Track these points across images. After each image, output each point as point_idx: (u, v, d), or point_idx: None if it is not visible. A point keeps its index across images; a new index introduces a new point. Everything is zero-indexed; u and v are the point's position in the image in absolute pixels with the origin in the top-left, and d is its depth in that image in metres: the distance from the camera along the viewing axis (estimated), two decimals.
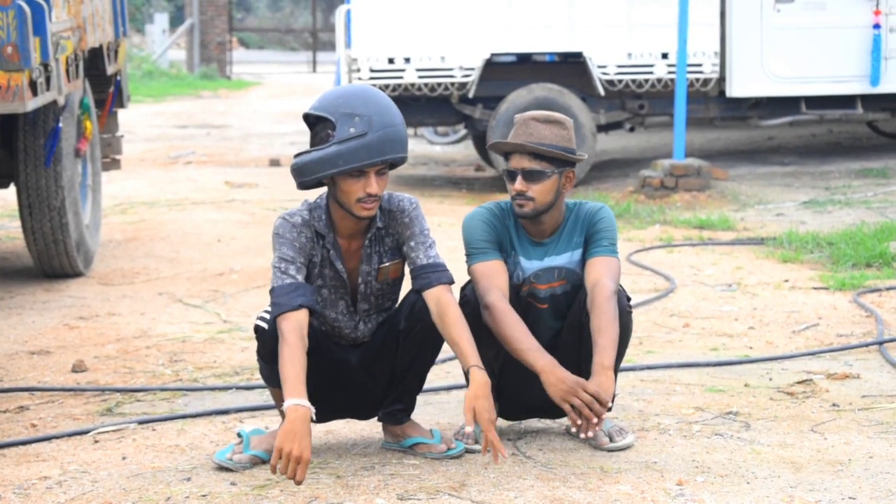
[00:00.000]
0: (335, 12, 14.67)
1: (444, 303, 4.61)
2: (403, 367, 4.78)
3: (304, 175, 4.59)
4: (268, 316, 4.60)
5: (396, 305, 4.86)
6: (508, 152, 4.93)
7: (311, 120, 4.65)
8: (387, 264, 4.75)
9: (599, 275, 4.82)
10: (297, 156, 4.64)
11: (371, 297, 4.78)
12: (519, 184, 4.86)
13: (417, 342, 4.72)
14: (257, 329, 4.65)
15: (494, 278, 4.81)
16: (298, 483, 4.30)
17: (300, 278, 4.58)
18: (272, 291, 4.58)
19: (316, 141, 4.61)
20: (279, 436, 4.30)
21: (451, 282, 4.67)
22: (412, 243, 4.70)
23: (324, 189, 4.72)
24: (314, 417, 4.38)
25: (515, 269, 4.93)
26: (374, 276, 4.74)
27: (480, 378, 4.49)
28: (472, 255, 4.88)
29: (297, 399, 4.36)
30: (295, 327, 4.48)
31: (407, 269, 4.76)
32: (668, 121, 13.87)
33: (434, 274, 4.65)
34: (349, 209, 4.63)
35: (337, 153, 4.54)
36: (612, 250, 4.90)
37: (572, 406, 4.61)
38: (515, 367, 4.89)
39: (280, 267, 4.59)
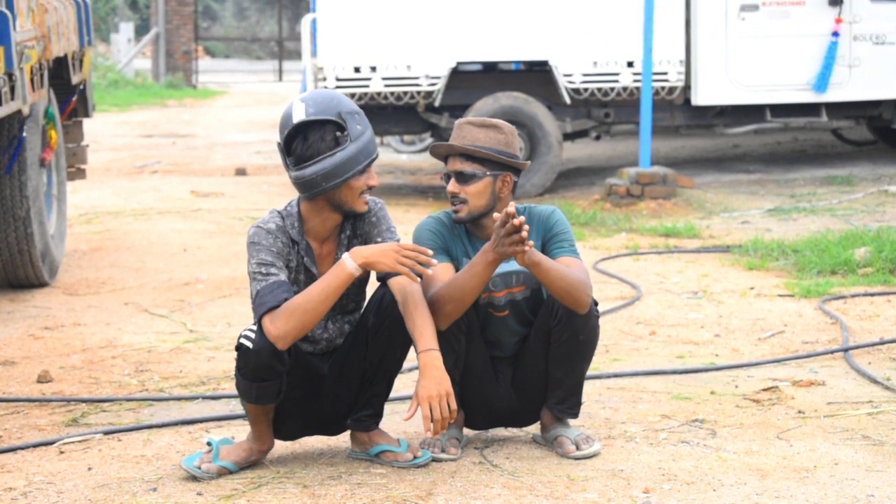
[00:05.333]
0: (301, 21, 14.65)
1: (408, 290, 4.61)
2: (373, 368, 4.76)
3: (334, 178, 4.60)
4: (253, 335, 4.51)
5: (364, 305, 4.86)
6: (445, 156, 4.92)
7: (298, 128, 4.62)
8: None
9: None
10: (304, 166, 4.59)
11: None
12: (451, 186, 4.86)
13: (385, 339, 4.70)
14: (241, 347, 4.55)
15: (434, 281, 4.76)
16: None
17: (283, 277, 4.57)
18: (257, 294, 4.52)
19: (324, 146, 4.60)
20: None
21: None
22: (378, 239, 4.74)
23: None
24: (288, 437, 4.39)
25: None
26: None
27: (428, 362, 4.49)
28: None
29: None
30: None
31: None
32: (634, 129, 13.90)
33: None
34: (351, 206, 4.67)
35: (358, 150, 4.63)
36: (575, 251, 4.90)
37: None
38: (476, 377, 4.89)
39: (261, 271, 4.55)
